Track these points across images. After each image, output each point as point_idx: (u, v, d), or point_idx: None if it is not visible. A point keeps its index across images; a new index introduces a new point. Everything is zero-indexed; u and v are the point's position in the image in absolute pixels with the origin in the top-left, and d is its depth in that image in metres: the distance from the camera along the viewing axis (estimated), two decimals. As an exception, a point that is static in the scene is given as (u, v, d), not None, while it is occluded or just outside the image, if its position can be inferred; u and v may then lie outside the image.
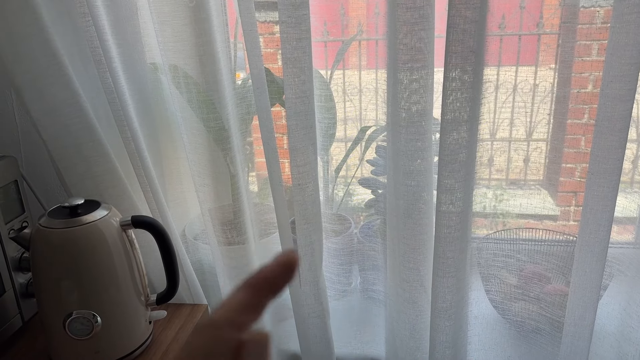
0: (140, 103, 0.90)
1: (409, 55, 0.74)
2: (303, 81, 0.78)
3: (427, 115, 0.78)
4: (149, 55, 0.92)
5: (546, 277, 0.92)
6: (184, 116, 0.89)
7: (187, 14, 0.85)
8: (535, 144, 0.94)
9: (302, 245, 0.88)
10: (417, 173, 0.80)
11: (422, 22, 0.72)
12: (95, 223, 0.75)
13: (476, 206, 0.95)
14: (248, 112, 0.95)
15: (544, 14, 0.85)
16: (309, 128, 0.81)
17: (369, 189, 1.01)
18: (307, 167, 0.83)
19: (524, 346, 0.94)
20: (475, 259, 0.97)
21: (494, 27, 0.86)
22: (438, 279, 0.81)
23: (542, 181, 0.96)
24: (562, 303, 0.85)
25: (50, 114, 0.85)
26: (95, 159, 0.88)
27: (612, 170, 0.71)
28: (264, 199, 1.08)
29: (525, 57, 0.88)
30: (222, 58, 0.88)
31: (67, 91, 0.84)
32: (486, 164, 1.00)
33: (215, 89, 0.88)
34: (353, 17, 0.94)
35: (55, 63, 0.83)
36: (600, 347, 0.90)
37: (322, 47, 0.94)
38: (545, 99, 0.88)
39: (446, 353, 0.86)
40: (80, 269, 0.74)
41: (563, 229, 0.98)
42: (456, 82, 0.70)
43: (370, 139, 0.98)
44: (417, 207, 0.82)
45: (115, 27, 0.84)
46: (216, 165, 0.95)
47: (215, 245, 0.96)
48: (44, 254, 0.75)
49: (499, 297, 0.96)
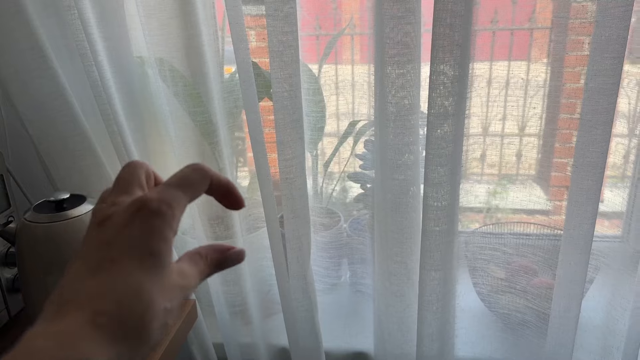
0: (127, 97, 0.89)
1: (396, 49, 0.74)
2: (290, 75, 0.77)
3: (415, 109, 0.78)
4: (135, 48, 0.92)
5: (533, 270, 0.93)
6: (171, 110, 0.89)
7: (173, 7, 0.84)
8: (528, 139, 0.94)
9: (290, 239, 0.88)
10: (405, 167, 0.80)
11: (409, 15, 0.72)
12: (81, 217, 0.75)
13: (469, 201, 0.96)
14: (236, 106, 0.95)
15: (536, 8, 0.85)
16: (296, 122, 0.81)
17: (358, 183, 1.01)
18: (295, 161, 0.83)
19: (510, 338, 0.95)
20: (463, 252, 0.98)
21: (486, 22, 0.87)
22: (425, 272, 0.81)
23: (535, 175, 0.96)
24: (549, 295, 0.86)
25: (36, 108, 0.84)
26: (81, 153, 0.87)
27: (596, 164, 0.71)
28: (253, 194, 1.08)
29: (517, 51, 0.88)
30: (209, 51, 0.87)
31: (52, 85, 0.84)
32: (479, 158, 1.00)
33: (202, 82, 0.88)
34: (345, 12, 0.93)
35: (41, 56, 0.82)
36: (586, 339, 0.91)
37: (314, 41, 0.94)
38: (537, 93, 0.88)
39: (433, 346, 0.86)
40: (66, 263, 0.74)
41: (554, 223, 0.99)
42: (443, 76, 0.71)
43: (359, 133, 0.98)
44: (405, 201, 0.83)
45: (101, 21, 0.83)
46: (204, 159, 0.94)
47: (203, 240, 0.96)
48: (29, 249, 0.75)
49: (486, 289, 0.96)
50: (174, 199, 0.31)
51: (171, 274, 0.30)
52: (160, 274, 0.30)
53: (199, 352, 1.03)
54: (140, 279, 0.29)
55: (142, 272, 0.29)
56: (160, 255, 0.30)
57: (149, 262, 0.29)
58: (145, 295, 0.28)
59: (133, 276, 0.29)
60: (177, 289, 0.30)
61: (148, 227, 0.30)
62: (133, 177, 0.33)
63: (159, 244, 0.30)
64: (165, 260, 0.30)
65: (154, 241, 0.30)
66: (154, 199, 0.31)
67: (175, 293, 0.30)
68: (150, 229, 0.30)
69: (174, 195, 0.31)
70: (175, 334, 0.87)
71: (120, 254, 0.29)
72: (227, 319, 1.02)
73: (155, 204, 0.30)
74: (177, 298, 0.30)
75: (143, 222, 0.30)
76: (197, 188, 0.33)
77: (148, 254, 0.29)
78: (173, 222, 0.31)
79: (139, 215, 0.30)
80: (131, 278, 0.28)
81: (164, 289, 0.29)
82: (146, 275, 0.29)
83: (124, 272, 0.29)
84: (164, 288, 0.29)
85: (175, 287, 0.30)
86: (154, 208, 0.30)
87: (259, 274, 1.03)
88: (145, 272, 0.29)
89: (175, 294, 0.30)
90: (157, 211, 0.30)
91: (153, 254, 0.30)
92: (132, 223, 0.30)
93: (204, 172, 0.33)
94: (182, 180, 0.32)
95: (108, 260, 0.29)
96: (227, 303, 1.01)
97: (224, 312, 1.02)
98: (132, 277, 0.29)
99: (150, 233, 0.30)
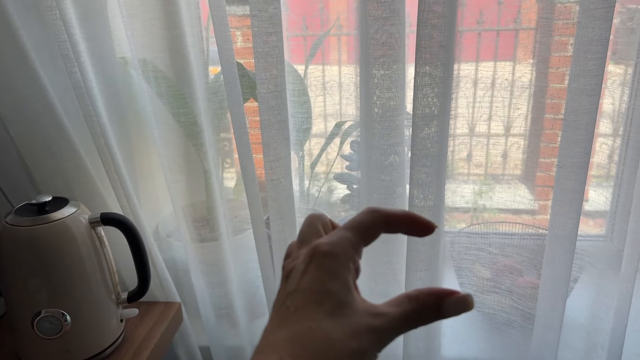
0: (110, 98, 0.88)
1: (381, 50, 0.74)
2: (275, 76, 0.77)
3: (400, 110, 0.78)
4: (118, 49, 0.91)
5: (518, 269, 0.93)
6: (155, 111, 0.88)
7: (156, 7, 0.84)
8: (513, 139, 0.95)
9: (276, 241, 0.87)
10: (390, 168, 0.81)
11: (393, 17, 0.72)
12: (63, 220, 0.74)
13: (455, 201, 0.96)
14: (221, 107, 0.94)
15: (521, 9, 0.85)
16: (281, 123, 0.80)
17: (344, 184, 1.01)
18: (280, 162, 0.82)
19: (496, 338, 0.95)
20: (449, 253, 0.98)
21: (472, 23, 0.87)
22: (411, 273, 0.81)
23: (520, 175, 0.97)
24: (534, 295, 0.87)
25: (17, 109, 0.83)
26: (64, 155, 0.86)
27: (580, 164, 0.72)
28: (238, 195, 1.07)
29: (503, 52, 0.89)
30: (193, 52, 0.87)
31: (34, 86, 0.82)
32: (465, 159, 1.01)
33: (187, 83, 0.87)
34: (332, 12, 0.93)
35: (22, 57, 0.81)
36: (571, 338, 0.91)
37: (301, 41, 0.94)
38: (523, 94, 0.88)
39: (419, 346, 0.87)
40: (48, 267, 0.73)
41: (538, 223, 0.99)
42: (427, 77, 0.71)
43: (346, 134, 0.98)
44: (390, 201, 0.83)
45: (83, 21, 0.82)
46: (189, 161, 0.94)
47: (189, 242, 0.95)
48: (11, 252, 0.74)
49: (471, 289, 0.97)
50: (344, 239, 0.32)
51: (357, 314, 0.30)
52: (341, 314, 0.30)
53: (185, 355, 1.02)
54: (320, 321, 0.29)
55: (322, 315, 0.29)
56: (336, 294, 0.30)
57: (327, 303, 0.30)
58: (326, 336, 0.28)
59: (313, 319, 0.29)
60: (365, 329, 0.29)
61: (321, 269, 0.31)
62: (311, 228, 0.35)
63: (333, 284, 0.30)
64: (342, 299, 0.30)
65: (328, 281, 0.30)
66: (324, 242, 0.32)
67: (362, 333, 0.29)
68: (324, 270, 0.31)
69: (344, 235, 0.32)
70: (160, 338, 0.86)
71: (301, 301, 0.30)
72: (213, 321, 1.02)
73: (324, 247, 0.32)
74: (367, 339, 0.29)
75: (317, 266, 0.31)
76: (370, 227, 0.33)
77: (324, 295, 0.30)
78: (348, 262, 0.32)
79: (313, 260, 0.31)
80: (311, 321, 0.29)
81: (347, 329, 0.29)
82: (325, 316, 0.29)
83: (305, 317, 0.29)
84: (348, 328, 0.29)
85: (362, 326, 0.29)
86: (324, 251, 0.31)
87: (245, 276, 1.02)
88: (324, 314, 0.29)
89: (362, 334, 0.29)
90: (328, 253, 0.31)
91: (327, 294, 0.30)
92: (307, 269, 0.31)
93: (376, 211, 0.34)
94: (353, 222, 0.33)
95: (292, 309, 0.30)
96: (213, 306, 1.01)
97: (210, 315, 1.01)
98: (312, 321, 0.29)
99: (323, 274, 0.31)
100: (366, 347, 0.29)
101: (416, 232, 0.35)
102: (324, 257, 0.31)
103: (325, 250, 0.31)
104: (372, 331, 0.29)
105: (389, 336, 0.30)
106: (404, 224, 0.34)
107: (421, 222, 0.34)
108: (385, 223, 0.34)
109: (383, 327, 0.30)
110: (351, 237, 0.32)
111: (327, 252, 0.31)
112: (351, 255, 0.32)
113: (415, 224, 0.34)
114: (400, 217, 0.34)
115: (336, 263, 0.31)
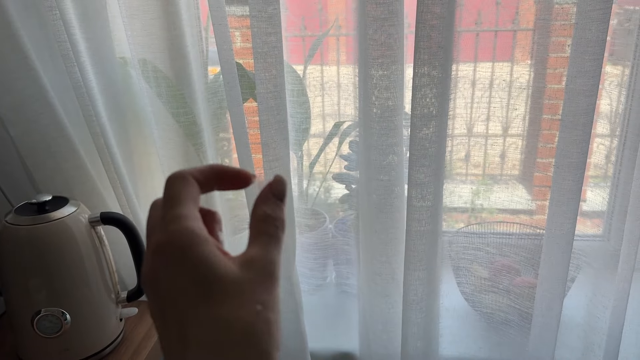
0: (110, 98, 0.89)
1: (379, 51, 0.74)
2: (274, 76, 0.77)
3: (398, 110, 0.79)
4: (118, 49, 0.91)
5: (515, 269, 0.94)
6: (154, 111, 0.88)
7: (156, 8, 0.84)
8: (511, 139, 0.95)
9: (275, 241, 0.87)
10: (389, 168, 0.81)
11: (392, 18, 0.72)
12: (63, 220, 0.74)
13: (453, 201, 0.97)
14: (220, 107, 0.95)
15: (519, 10, 0.86)
16: (280, 123, 0.81)
17: (343, 184, 1.01)
18: (279, 162, 0.83)
19: (494, 337, 0.96)
20: (447, 252, 0.98)
21: (470, 24, 0.87)
22: (409, 272, 0.82)
23: (518, 176, 0.97)
24: (531, 295, 0.87)
25: (17, 110, 0.83)
26: (63, 155, 0.86)
27: (577, 164, 0.72)
28: (238, 195, 1.08)
29: (501, 53, 0.89)
30: (193, 52, 0.87)
31: (34, 86, 0.83)
32: (463, 159, 1.01)
33: (186, 83, 0.87)
34: (331, 13, 0.94)
35: (22, 57, 0.81)
36: (568, 337, 0.92)
37: (300, 42, 0.94)
38: (520, 94, 0.89)
39: (418, 345, 0.87)
40: (48, 266, 0.73)
41: (536, 223, 1.00)
42: (426, 77, 0.71)
43: (344, 134, 0.98)
44: (389, 201, 0.83)
45: (83, 21, 0.82)
46: (188, 160, 0.94)
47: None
48: (11, 252, 0.74)
49: (469, 289, 0.97)
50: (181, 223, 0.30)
51: (233, 283, 0.29)
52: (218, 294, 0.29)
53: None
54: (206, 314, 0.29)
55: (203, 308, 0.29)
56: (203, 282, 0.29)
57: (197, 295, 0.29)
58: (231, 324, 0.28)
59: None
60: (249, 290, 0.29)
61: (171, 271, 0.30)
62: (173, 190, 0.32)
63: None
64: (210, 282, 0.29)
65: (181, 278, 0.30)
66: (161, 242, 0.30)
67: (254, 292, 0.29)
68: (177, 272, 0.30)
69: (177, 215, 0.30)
70: (155, 341, 0.86)
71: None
72: (212, 320, 1.02)
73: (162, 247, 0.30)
74: (259, 292, 0.29)
75: (164, 269, 0.30)
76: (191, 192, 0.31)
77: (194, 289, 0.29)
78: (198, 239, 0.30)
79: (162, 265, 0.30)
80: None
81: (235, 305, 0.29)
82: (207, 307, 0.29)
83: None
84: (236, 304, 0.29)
85: (248, 292, 0.29)
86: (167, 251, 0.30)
87: (244, 275, 1.02)
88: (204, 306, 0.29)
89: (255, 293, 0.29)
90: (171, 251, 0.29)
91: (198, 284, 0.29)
92: (159, 277, 0.30)
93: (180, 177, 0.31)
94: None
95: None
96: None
97: (209, 314, 1.01)
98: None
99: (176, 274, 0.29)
100: (265, 299, 0.28)
101: (236, 185, 0.33)
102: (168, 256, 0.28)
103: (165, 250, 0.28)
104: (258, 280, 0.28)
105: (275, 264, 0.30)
106: (218, 180, 0.33)
107: (234, 173, 0.33)
108: (201, 182, 0.31)
109: (263, 268, 0.29)
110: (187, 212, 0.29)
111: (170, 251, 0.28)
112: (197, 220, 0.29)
113: (229, 176, 0.33)
114: (207, 173, 0.32)
115: (182, 255, 0.28)
